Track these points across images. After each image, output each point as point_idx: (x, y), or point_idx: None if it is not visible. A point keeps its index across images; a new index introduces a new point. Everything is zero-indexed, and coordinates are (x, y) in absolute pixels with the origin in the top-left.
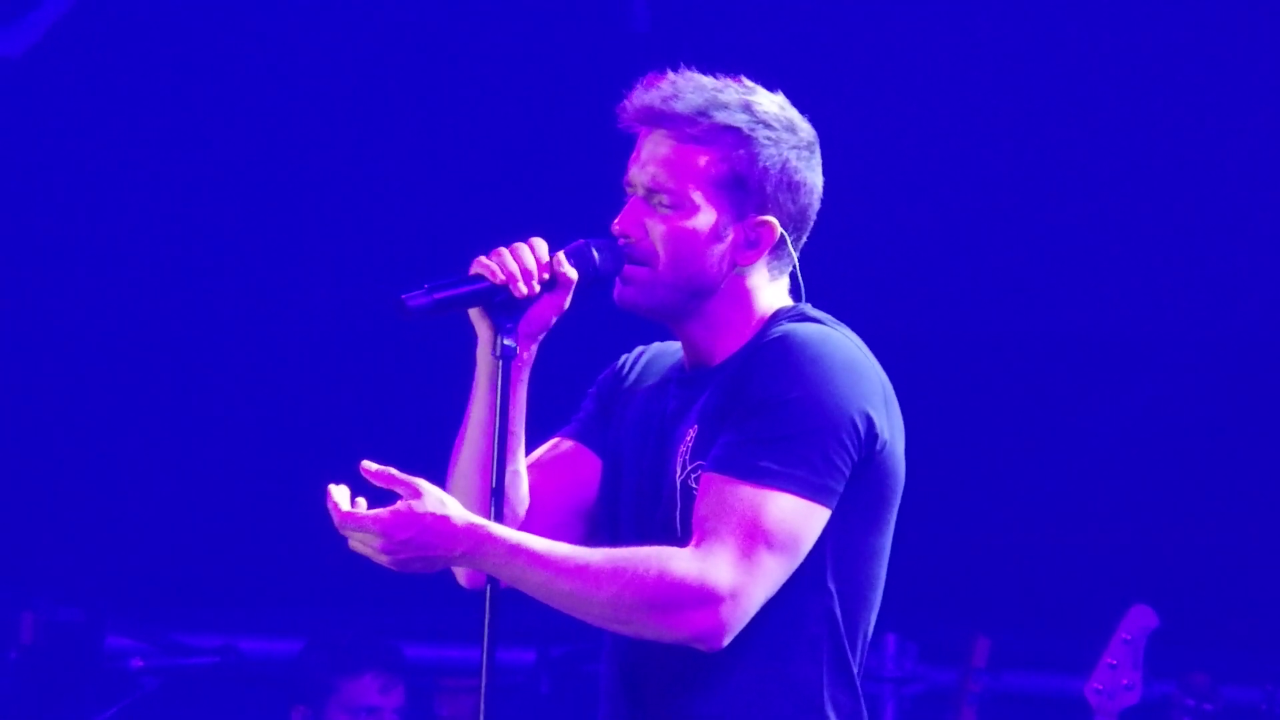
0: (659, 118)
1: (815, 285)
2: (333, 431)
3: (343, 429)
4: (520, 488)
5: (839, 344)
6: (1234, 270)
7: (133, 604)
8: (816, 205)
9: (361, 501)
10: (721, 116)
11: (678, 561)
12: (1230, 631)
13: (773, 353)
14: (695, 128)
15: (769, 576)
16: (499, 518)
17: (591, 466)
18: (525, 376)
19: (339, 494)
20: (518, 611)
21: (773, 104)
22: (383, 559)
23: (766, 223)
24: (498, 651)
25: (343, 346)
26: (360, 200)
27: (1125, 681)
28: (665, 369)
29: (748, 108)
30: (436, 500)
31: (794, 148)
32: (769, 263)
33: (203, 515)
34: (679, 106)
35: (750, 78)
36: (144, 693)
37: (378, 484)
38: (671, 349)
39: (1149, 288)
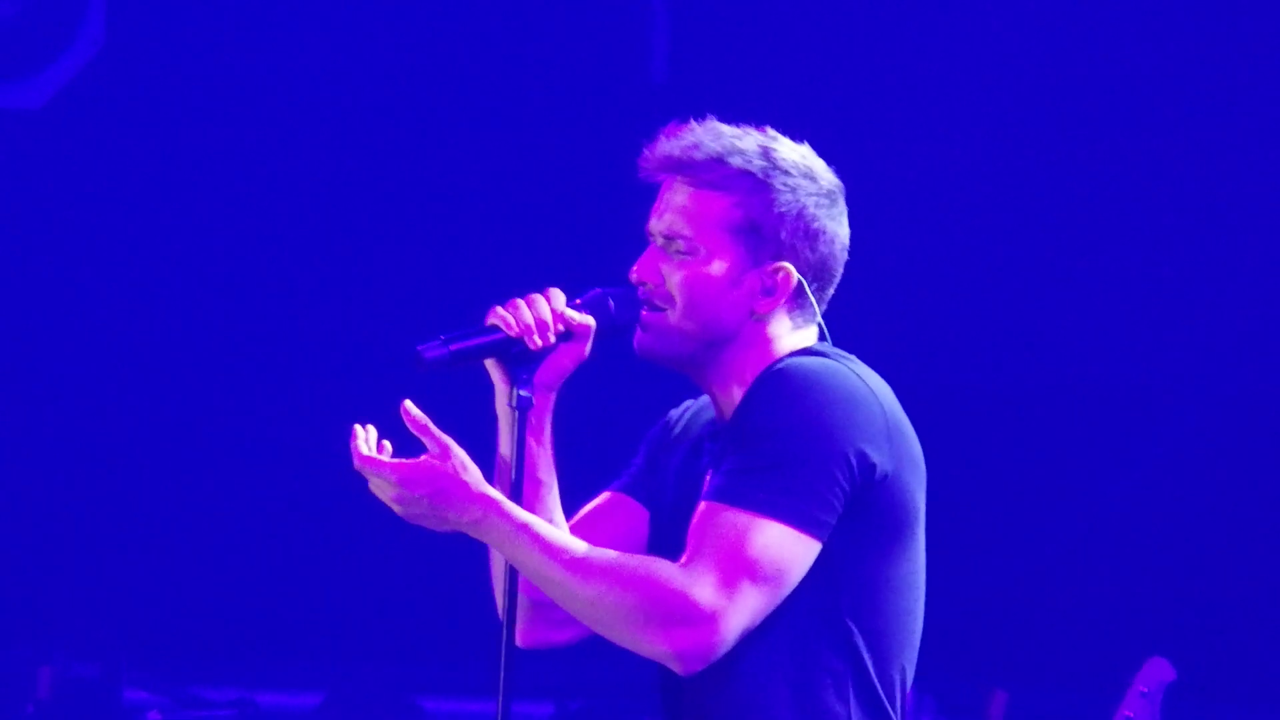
0: (677, 165)
1: (836, 336)
2: (355, 485)
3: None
4: None
5: (836, 375)
6: (1254, 322)
7: (150, 657)
8: (841, 255)
9: (388, 445)
10: (738, 162)
11: (665, 573)
12: (1247, 685)
13: (769, 385)
14: (712, 174)
15: (750, 604)
16: (511, 571)
17: (639, 518)
18: (548, 425)
19: (365, 435)
20: (536, 664)
21: (793, 152)
22: (396, 508)
23: (783, 269)
24: (515, 705)
25: (371, 400)
26: (386, 252)
27: None
28: (704, 423)
29: (766, 154)
30: (460, 463)
31: (812, 195)
32: (789, 311)
33: (220, 569)
34: (697, 154)
35: (766, 124)
36: None
37: (412, 429)
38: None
39: (1166, 341)
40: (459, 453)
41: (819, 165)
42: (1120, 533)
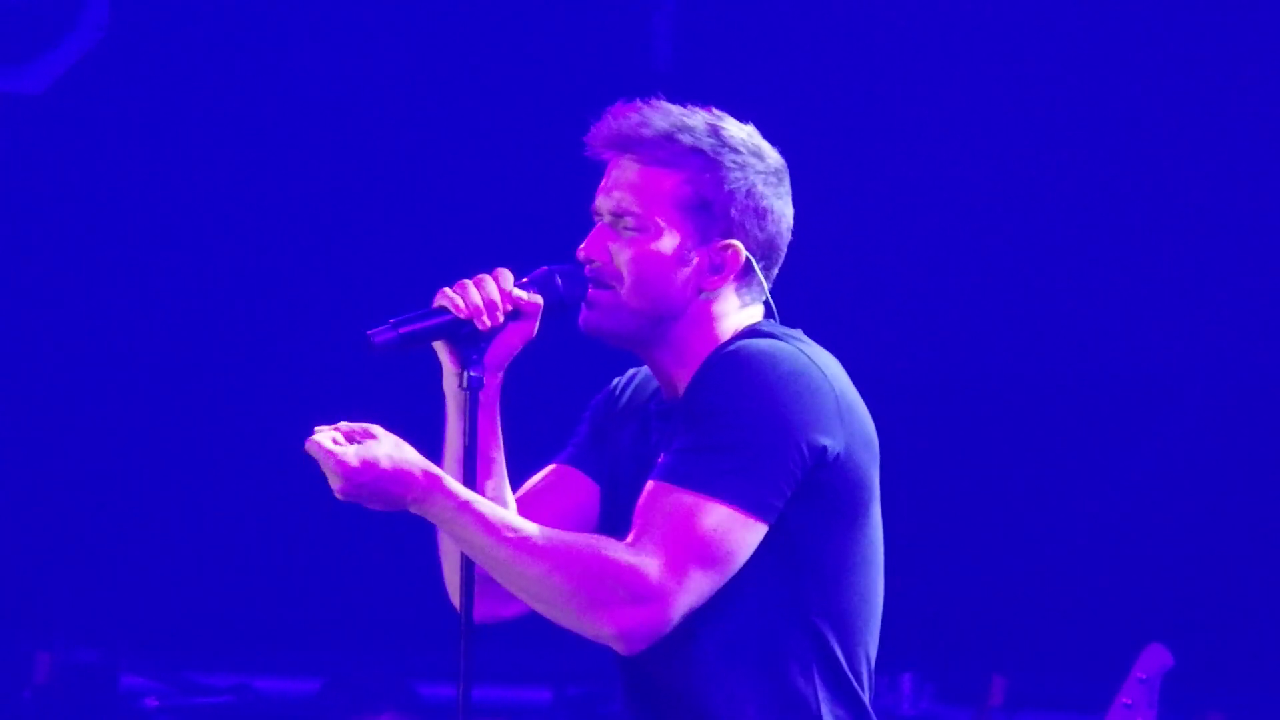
0: (625, 143)
1: (842, 329)
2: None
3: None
4: None
5: (787, 357)
6: (1257, 314)
7: (148, 643)
8: (786, 235)
9: (339, 435)
10: (687, 140)
11: (611, 552)
12: (1245, 672)
13: (720, 366)
14: (661, 151)
15: (696, 585)
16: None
17: (588, 491)
18: (496, 404)
19: (326, 430)
20: (535, 651)
21: (741, 130)
22: (337, 485)
23: (731, 247)
24: (516, 691)
25: (362, 388)
26: (387, 240)
27: None
28: (648, 396)
29: (714, 132)
30: (393, 444)
31: (760, 173)
32: (737, 289)
33: (219, 555)
34: (646, 131)
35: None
36: None
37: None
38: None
39: (1169, 332)
40: (388, 436)
41: (765, 145)
42: (1120, 520)
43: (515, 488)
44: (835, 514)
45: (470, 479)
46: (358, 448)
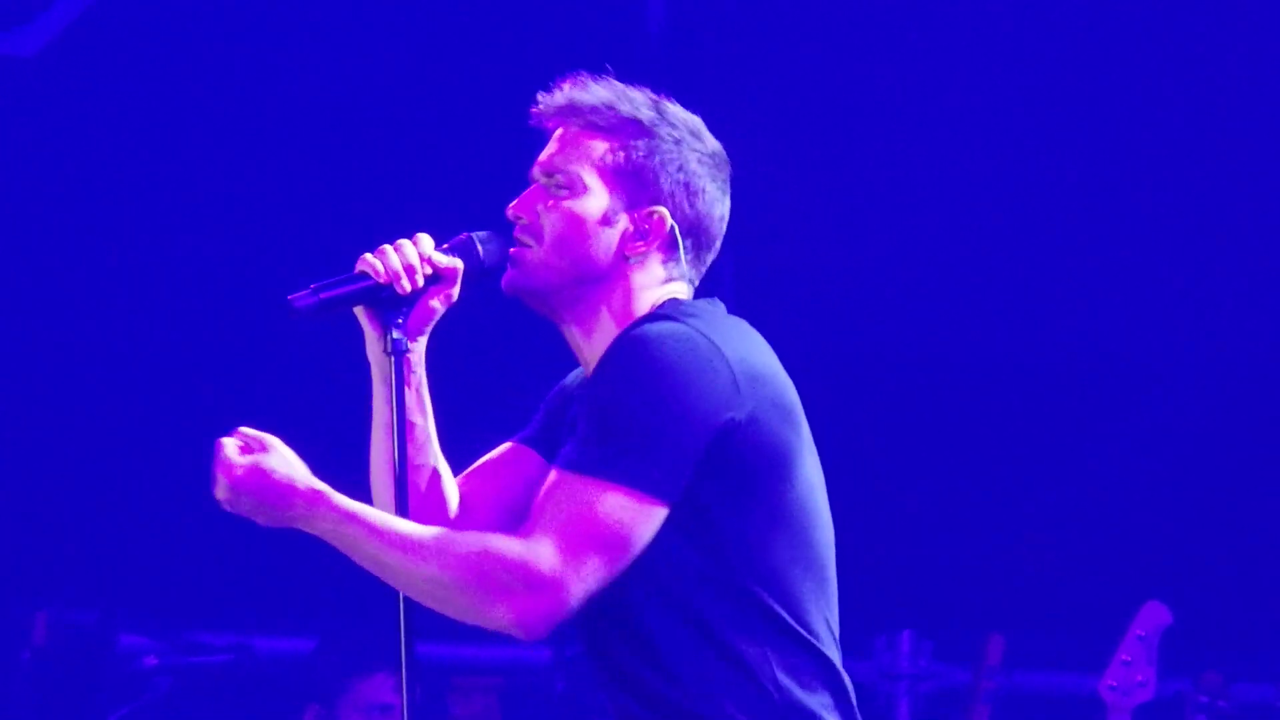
0: (567, 110)
1: (842, 299)
2: (347, 430)
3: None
4: (442, 484)
5: (677, 338)
6: (1258, 284)
7: (146, 603)
8: (719, 223)
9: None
10: (626, 109)
11: (501, 545)
12: (1244, 629)
13: (617, 351)
14: (598, 117)
15: (591, 569)
16: (403, 512)
17: (540, 470)
18: (420, 370)
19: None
20: None
21: (683, 112)
22: (223, 499)
23: (658, 213)
24: (514, 649)
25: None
26: (371, 208)
27: (1139, 678)
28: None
29: (655, 106)
30: (282, 459)
31: (695, 151)
32: (663, 262)
33: (216, 513)
34: (586, 98)
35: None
36: (157, 692)
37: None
38: None
39: (1167, 298)
40: (280, 448)
41: (706, 132)
42: (1117, 477)
43: (454, 461)
44: (750, 481)
45: (402, 442)
46: (249, 458)
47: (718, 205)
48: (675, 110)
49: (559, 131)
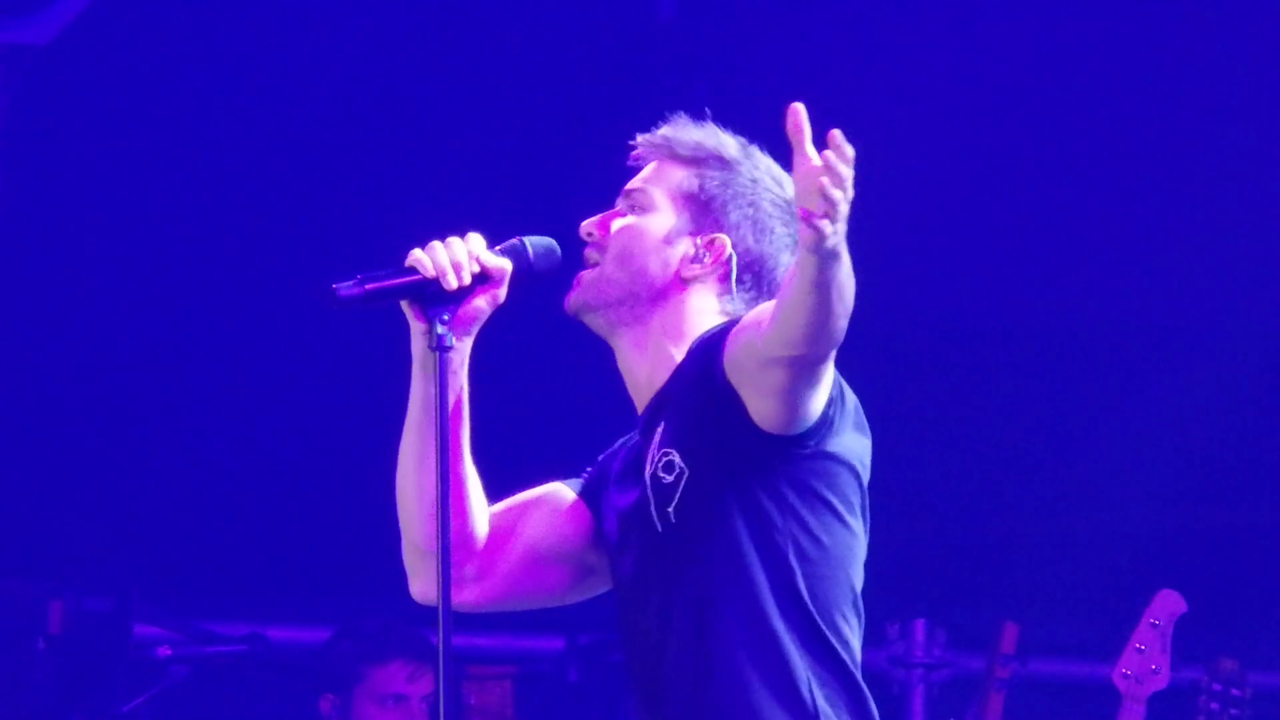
0: (659, 144)
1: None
2: (361, 421)
3: (371, 418)
4: (472, 493)
5: None
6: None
7: (161, 592)
8: (778, 269)
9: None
10: (712, 144)
11: None
12: (1258, 617)
13: (715, 335)
14: (685, 149)
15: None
16: (445, 513)
17: (580, 514)
18: (463, 371)
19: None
20: None
21: (773, 164)
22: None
23: (719, 239)
24: (528, 639)
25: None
26: (383, 199)
27: (1153, 666)
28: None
29: (744, 148)
30: None
31: (772, 194)
32: (718, 293)
33: (231, 504)
34: (678, 134)
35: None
36: (172, 681)
37: None
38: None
39: (1179, 278)
40: None
41: (790, 184)
42: (1131, 466)
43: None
44: (818, 499)
45: (443, 436)
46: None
47: (785, 252)
48: (764, 158)
49: (650, 163)
